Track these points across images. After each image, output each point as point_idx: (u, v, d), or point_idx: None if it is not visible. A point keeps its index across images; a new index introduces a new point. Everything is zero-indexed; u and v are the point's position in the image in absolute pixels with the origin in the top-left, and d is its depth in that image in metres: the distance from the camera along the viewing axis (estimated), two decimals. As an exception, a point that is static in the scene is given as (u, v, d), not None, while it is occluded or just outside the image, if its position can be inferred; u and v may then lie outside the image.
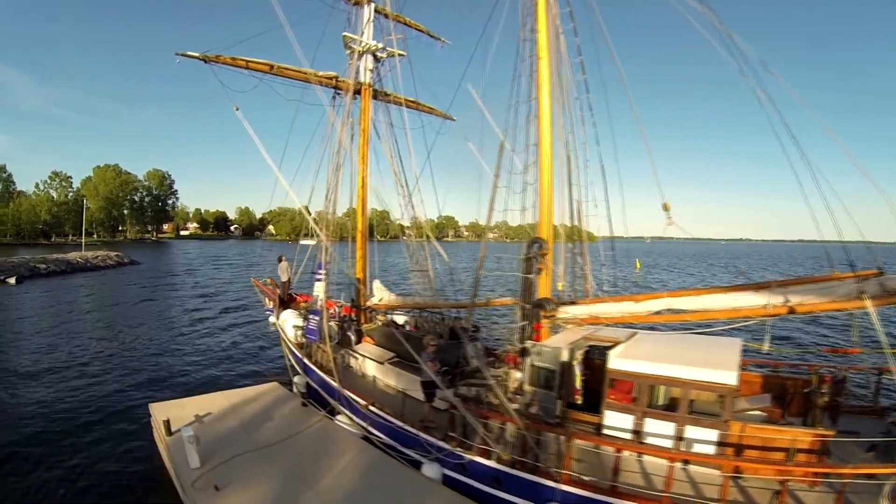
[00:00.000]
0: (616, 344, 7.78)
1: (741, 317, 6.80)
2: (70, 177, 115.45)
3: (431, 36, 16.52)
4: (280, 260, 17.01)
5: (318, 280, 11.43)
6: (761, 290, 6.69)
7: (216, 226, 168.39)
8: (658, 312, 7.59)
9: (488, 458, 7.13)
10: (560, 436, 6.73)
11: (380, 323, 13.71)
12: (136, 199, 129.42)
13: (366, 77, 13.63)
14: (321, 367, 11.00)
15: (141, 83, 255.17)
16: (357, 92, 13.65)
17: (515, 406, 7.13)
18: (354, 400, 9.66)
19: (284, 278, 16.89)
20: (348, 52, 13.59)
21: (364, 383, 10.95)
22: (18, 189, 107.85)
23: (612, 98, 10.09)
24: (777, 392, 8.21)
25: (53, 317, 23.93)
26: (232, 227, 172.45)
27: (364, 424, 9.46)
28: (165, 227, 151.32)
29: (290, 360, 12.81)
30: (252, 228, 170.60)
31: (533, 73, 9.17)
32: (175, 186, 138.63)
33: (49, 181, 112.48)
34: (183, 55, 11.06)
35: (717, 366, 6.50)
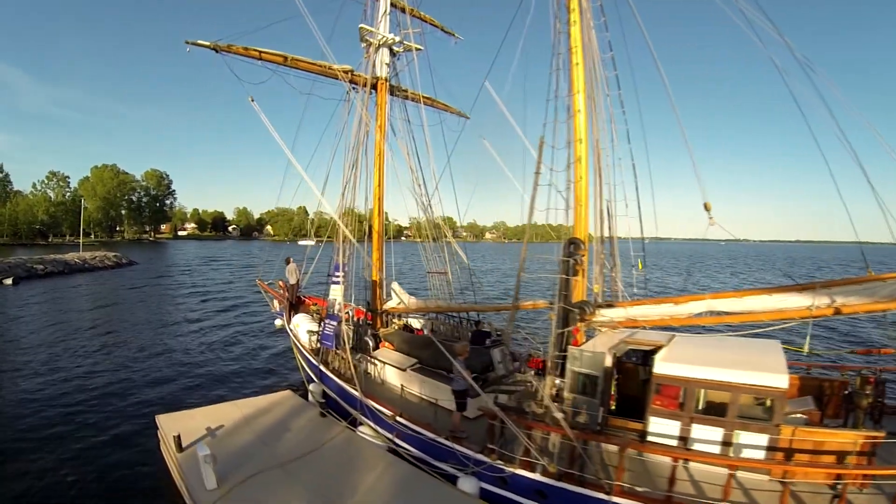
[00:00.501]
0: (657, 348, 7.41)
1: (785, 318, 6.49)
2: (67, 177, 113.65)
3: (445, 31, 15.83)
4: (288, 261, 16.25)
5: (335, 283, 10.70)
6: (805, 292, 6.44)
7: (214, 226, 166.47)
8: (699, 315, 7.23)
9: (532, 470, 6.65)
10: (614, 445, 6.35)
11: (396, 327, 12.99)
12: (134, 199, 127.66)
13: (382, 71, 12.91)
14: (340, 375, 10.27)
15: (139, 83, 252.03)
16: (373, 87, 12.97)
17: (556, 414, 6.67)
18: (379, 410, 8.97)
19: (293, 280, 16.14)
20: (364, 44, 12.89)
21: (384, 391, 10.23)
22: (16, 189, 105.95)
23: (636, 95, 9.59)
24: (814, 394, 7.83)
25: (51, 319, 22.91)
26: (230, 228, 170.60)
27: (390, 436, 8.78)
28: (163, 227, 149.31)
29: (303, 366, 12.05)
30: (250, 229, 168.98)
31: (563, 68, 8.61)
32: (173, 187, 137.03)
33: (46, 181, 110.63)
34: (193, 43, 10.29)
35: (767, 369, 6.26)
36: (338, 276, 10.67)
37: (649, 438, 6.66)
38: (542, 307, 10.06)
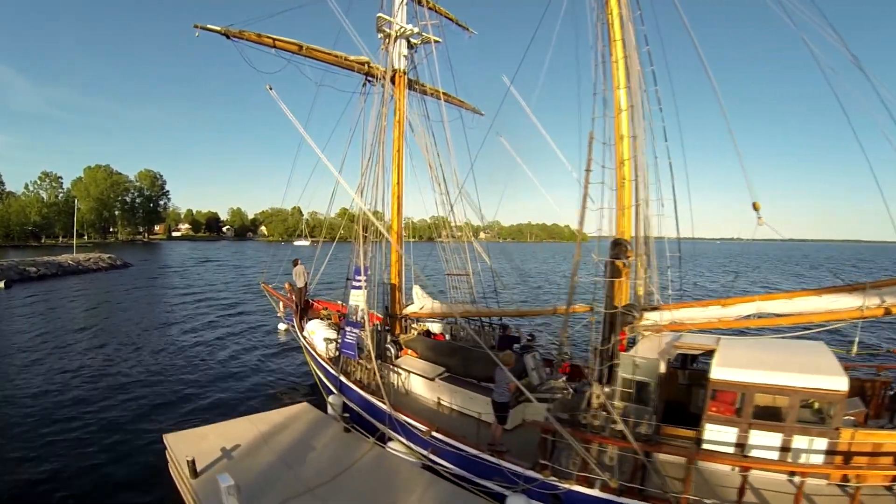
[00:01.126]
0: (707, 352, 7.16)
1: (836, 319, 6.29)
2: (60, 177, 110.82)
3: (459, 25, 14.99)
4: (295, 263, 15.33)
5: (356, 287, 9.81)
6: (855, 292, 6.23)
7: (208, 227, 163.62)
8: (747, 317, 6.93)
9: (590, 486, 6.16)
10: (680, 456, 5.96)
11: (416, 333, 12.14)
12: (128, 200, 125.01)
13: (400, 63, 12.03)
14: (364, 387, 9.41)
15: (133, 83, 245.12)
16: (391, 80, 12.10)
17: (620, 425, 6.19)
18: (411, 425, 8.17)
19: (300, 284, 15.21)
20: (381, 35, 12.01)
21: (411, 402, 9.40)
22: (8, 190, 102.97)
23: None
24: (858, 394, 7.46)
25: (45, 324, 21.61)
26: (224, 228, 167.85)
27: (424, 452, 8.01)
28: (157, 228, 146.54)
29: (319, 376, 11.15)
30: (244, 229, 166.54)
31: (599, 63, 8.07)
32: (167, 187, 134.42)
33: (39, 182, 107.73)
34: (203, 28, 9.33)
35: (826, 371, 6.09)
36: (359, 281, 9.77)
37: (704, 446, 6.33)
38: (582, 311, 9.41)
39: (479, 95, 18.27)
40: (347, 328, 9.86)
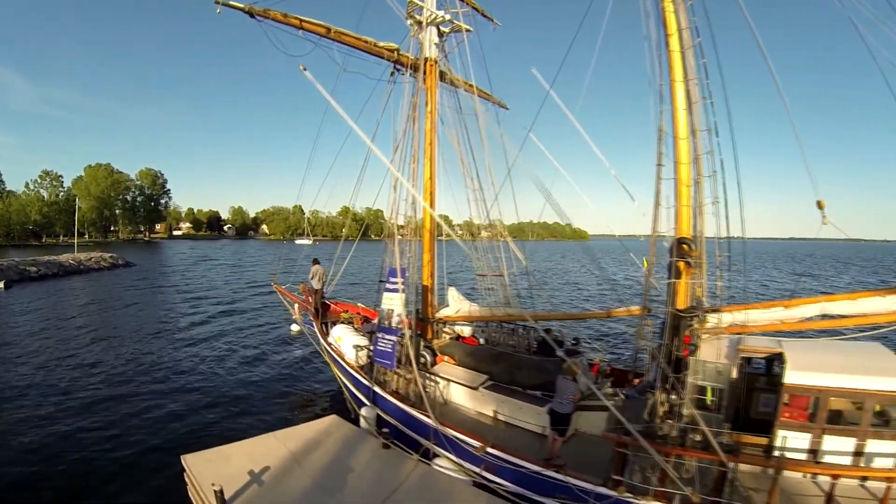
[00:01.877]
0: (774, 355, 6.89)
1: None
2: (61, 176, 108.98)
3: (485, 16, 14.07)
4: (315, 262, 14.33)
5: (392, 291, 8.85)
6: None
7: (209, 225, 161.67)
8: (810, 318, 6.82)
9: (669, 501, 5.73)
10: (766, 468, 5.72)
11: (448, 338, 11.21)
12: (129, 198, 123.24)
13: (431, 52, 11.08)
14: (403, 399, 8.49)
15: (135, 82, 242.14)
16: (416, 69, 11.17)
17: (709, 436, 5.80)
18: (460, 439, 7.35)
19: (317, 284, 14.22)
20: (410, 22, 11.06)
21: (450, 413, 8.53)
22: (8, 189, 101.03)
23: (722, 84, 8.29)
24: None
25: (46, 328, 20.37)
26: (225, 227, 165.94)
27: (476, 469, 7.22)
28: (158, 227, 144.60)
29: (347, 386, 10.18)
30: (245, 228, 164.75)
31: (654, 56, 7.57)
32: (168, 186, 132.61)
33: (39, 180, 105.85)
34: (225, 4, 8.34)
35: None
36: (395, 283, 8.81)
37: (776, 453, 6.09)
38: (637, 314, 8.80)
39: (501, 89, 17.32)
40: (381, 335, 8.90)
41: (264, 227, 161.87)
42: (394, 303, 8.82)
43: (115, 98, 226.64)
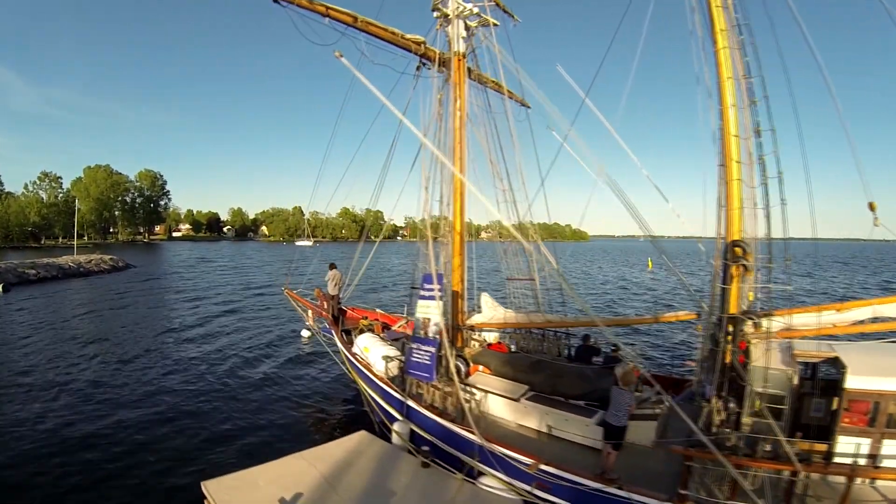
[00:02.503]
0: (831, 359, 6.68)
1: None
2: (60, 177, 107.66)
3: (506, 12, 13.42)
4: (331, 267, 13.58)
5: (428, 298, 8.14)
6: None
7: (209, 227, 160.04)
8: (862, 322, 6.80)
9: None
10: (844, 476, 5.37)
11: (477, 345, 10.52)
12: (128, 200, 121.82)
13: (459, 46, 10.40)
14: (441, 413, 7.81)
15: (135, 83, 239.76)
16: (443, 64, 10.51)
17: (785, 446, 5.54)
18: (508, 456, 6.75)
19: (334, 290, 13.47)
20: (437, 14, 10.39)
21: (491, 427, 7.87)
22: (7, 190, 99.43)
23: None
24: None
25: (46, 334, 19.36)
26: (225, 229, 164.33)
27: (527, 488, 6.64)
28: (157, 228, 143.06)
29: (375, 399, 9.44)
30: (245, 229, 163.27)
31: (700, 52, 7.27)
32: (167, 187, 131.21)
33: (38, 182, 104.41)
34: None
35: None
36: (430, 290, 8.10)
37: (836, 459, 5.91)
38: (687, 319, 8.45)
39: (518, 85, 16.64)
40: (416, 345, 8.19)
41: (264, 228, 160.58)
42: (430, 311, 8.11)
43: (115, 99, 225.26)
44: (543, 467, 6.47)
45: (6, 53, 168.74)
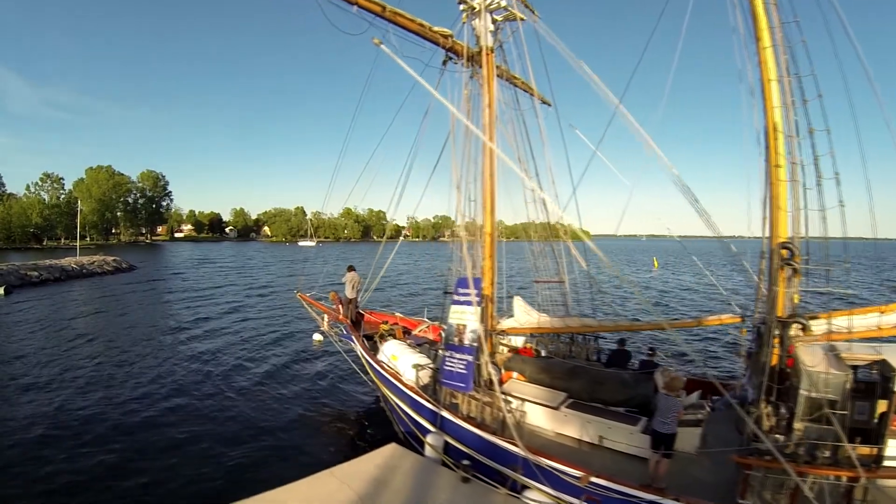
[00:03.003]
0: (878, 362, 6.35)
1: None
2: (62, 178, 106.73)
3: (527, 7, 12.94)
4: (349, 269, 13.06)
5: (464, 303, 7.63)
6: None
7: (211, 227, 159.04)
8: None
9: None
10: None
11: (505, 350, 10.02)
12: (130, 200, 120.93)
13: (486, 40, 9.91)
14: (480, 425, 7.33)
15: (135, 84, 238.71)
16: (470, 59, 10.03)
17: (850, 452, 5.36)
18: (557, 469, 6.32)
19: (352, 294, 12.94)
20: (462, 7, 9.91)
21: (528, 437, 7.40)
22: (9, 192, 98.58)
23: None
24: None
25: (49, 339, 18.58)
26: (227, 229, 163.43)
27: (576, 502, 6.27)
28: (159, 229, 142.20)
29: (403, 409, 8.91)
30: (247, 230, 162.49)
31: (741, 48, 7.10)
32: (169, 188, 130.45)
33: (40, 183, 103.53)
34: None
35: None
36: (466, 295, 7.59)
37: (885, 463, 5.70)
38: (730, 322, 8.05)
39: (541, 83, 16.20)
40: (451, 353, 7.68)
41: (266, 228, 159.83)
42: (465, 317, 7.60)
43: (116, 99, 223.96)
44: (594, 480, 6.09)
45: (7, 54, 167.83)
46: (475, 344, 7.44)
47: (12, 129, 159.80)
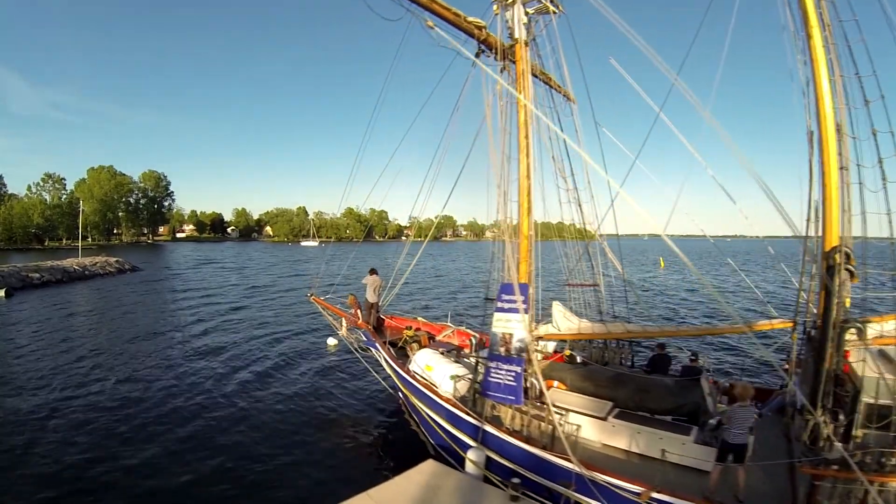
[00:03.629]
0: None
1: None
2: (63, 179, 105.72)
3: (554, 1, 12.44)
4: (371, 272, 12.47)
5: (509, 311, 7.06)
6: None
7: (212, 227, 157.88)
8: None
9: None
10: None
11: (541, 357, 9.47)
12: (132, 201, 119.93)
13: (521, 33, 9.36)
14: (527, 440, 6.78)
15: (136, 84, 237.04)
16: (510, 53, 9.51)
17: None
18: (614, 485, 5.86)
19: (373, 298, 12.33)
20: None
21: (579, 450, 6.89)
22: (10, 192, 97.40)
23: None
24: None
25: (50, 343, 17.77)
26: (229, 230, 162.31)
27: None
28: (161, 229, 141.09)
29: (438, 423, 8.31)
30: (249, 230, 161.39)
31: (792, 46, 6.66)
32: (171, 188, 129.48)
33: (42, 183, 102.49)
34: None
35: None
36: (512, 301, 7.02)
37: None
38: (781, 327, 7.50)
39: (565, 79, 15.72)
40: (497, 364, 7.11)
41: (268, 228, 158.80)
42: (511, 325, 7.04)
43: (117, 100, 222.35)
44: (655, 495, 5.68)
45: (9, 56, 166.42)
46: (523, 354, 6.88)
47: (14, 129, 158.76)
